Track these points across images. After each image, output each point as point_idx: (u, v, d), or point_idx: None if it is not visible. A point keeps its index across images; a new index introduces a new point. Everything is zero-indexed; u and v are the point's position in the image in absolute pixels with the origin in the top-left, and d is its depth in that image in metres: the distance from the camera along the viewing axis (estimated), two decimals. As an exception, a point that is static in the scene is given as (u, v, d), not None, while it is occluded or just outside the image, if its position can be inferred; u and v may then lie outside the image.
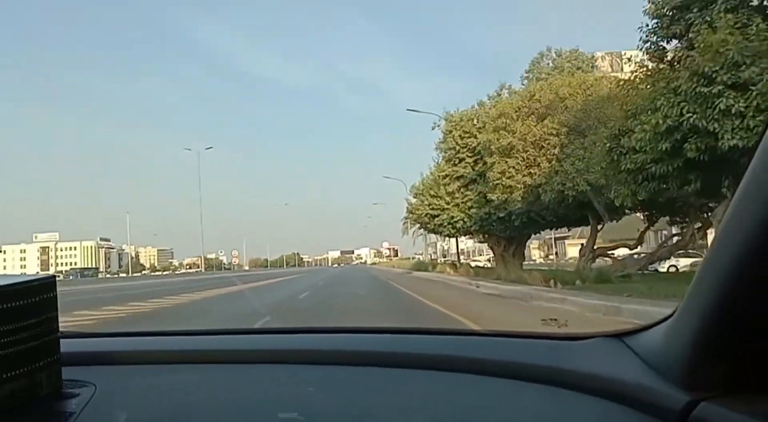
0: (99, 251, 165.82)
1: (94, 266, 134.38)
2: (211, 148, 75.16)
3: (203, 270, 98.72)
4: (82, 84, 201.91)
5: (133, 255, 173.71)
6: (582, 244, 22.82)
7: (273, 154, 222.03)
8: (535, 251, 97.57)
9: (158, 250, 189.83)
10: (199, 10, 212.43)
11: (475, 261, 63.18)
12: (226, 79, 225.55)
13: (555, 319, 6.79)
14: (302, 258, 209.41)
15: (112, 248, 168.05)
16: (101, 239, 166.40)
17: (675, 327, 0.78)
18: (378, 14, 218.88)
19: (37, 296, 0.83)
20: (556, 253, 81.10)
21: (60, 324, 0.88)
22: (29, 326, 0.81)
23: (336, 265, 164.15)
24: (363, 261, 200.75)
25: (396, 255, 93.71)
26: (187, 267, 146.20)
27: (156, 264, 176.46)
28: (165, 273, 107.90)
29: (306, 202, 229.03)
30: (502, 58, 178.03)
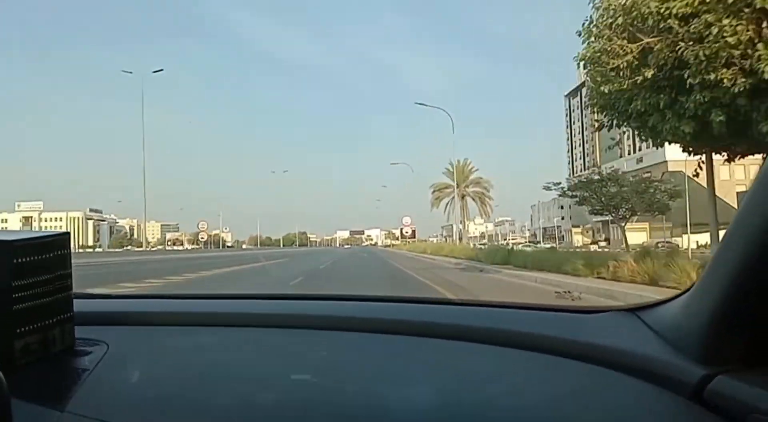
0: (87, 223, 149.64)
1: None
2: (161, 70, 54.74)
3: (173, 248, 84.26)
4: (80, 56, 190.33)
5: (127, 229, 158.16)
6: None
7: (278, 128, 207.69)
8: (577, 236, 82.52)
9: (161, 225, 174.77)
10: None
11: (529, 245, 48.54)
12: (224, 50, 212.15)
13: (569, 292, 7.71)
14: (309, 238, 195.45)
15: (103, 220, 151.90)
16: (91, 210, 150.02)
17: (692, 301, 0.78)
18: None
19: (51, 252, 0.83)
20: (608, 240, 63.86)
21: None
22: (43, 282, 0.81)
23: (347, 246, 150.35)
24: (373, 242, 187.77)
25: (413, 236, 76.00)
26: (170, 243, 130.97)
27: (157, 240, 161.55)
28: (153, 249, 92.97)
29: (313, 176, 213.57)
30: (521, 41, 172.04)
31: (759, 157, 9.90)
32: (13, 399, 0.63)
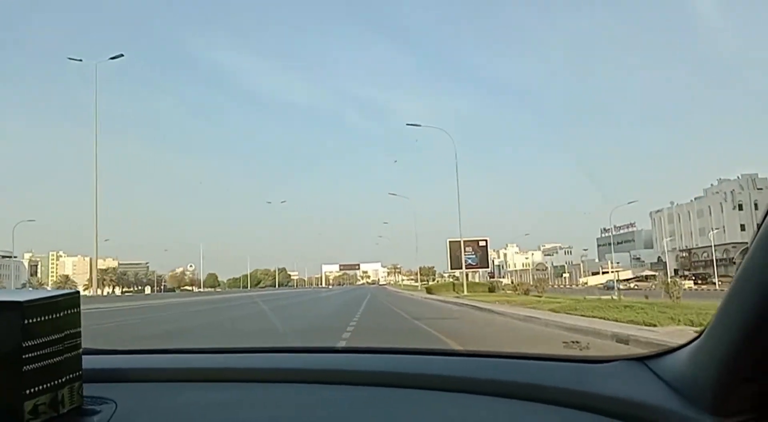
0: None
1: None
2: (120, 56, 33.16)
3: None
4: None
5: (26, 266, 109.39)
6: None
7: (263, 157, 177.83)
8: None
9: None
10: (210, 30, 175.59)
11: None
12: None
13: (577, 342, 7.29)
14: (290, 276, 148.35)
15: (8, 257, 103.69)
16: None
17: (701, 350, 0.77)
18: (389, 38, 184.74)
19: (61, 311, 0.83)
20: None
21: None
22: (53, 342, 0.81)
23: (327, 288, 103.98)
24: (371, 280, 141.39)
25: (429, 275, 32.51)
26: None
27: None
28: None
29: (299, 207, 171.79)
30: (505, 81, 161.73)
31: None
32: None
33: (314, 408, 0.93)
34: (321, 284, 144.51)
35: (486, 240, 41.68)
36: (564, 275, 53.63)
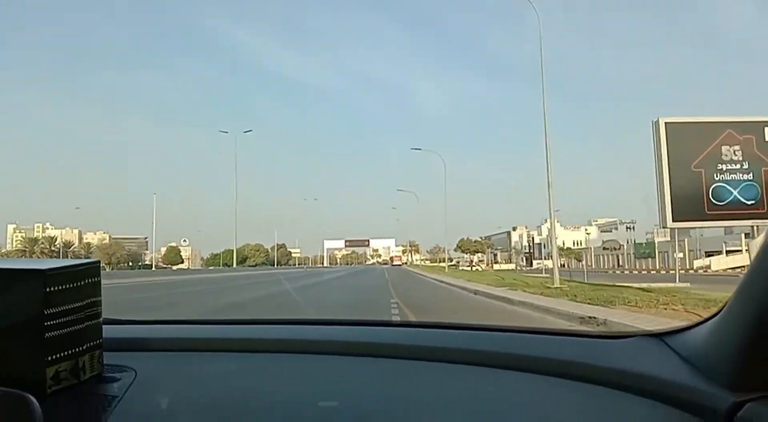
0: None
1: None
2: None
3: None
4: None
5: None
6: None
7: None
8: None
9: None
10: (223, 10, 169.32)
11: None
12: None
13: (594, 317, 7.18)
14: (290, 253, 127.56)
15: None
16: None
17: (720, 327, 0.77)
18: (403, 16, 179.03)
19: (83, 280, 0.84)
20: None
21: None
22: (74, 310, 0.82)
23: (331, 266, 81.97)
24: (383, 259, 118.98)
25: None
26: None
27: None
28: None
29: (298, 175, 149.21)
30: (516, 60, 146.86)
31: None
32: None
33: (326, 378, 0.94)
34: (325, 263, 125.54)
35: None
36: (677, 255, 31.72)
